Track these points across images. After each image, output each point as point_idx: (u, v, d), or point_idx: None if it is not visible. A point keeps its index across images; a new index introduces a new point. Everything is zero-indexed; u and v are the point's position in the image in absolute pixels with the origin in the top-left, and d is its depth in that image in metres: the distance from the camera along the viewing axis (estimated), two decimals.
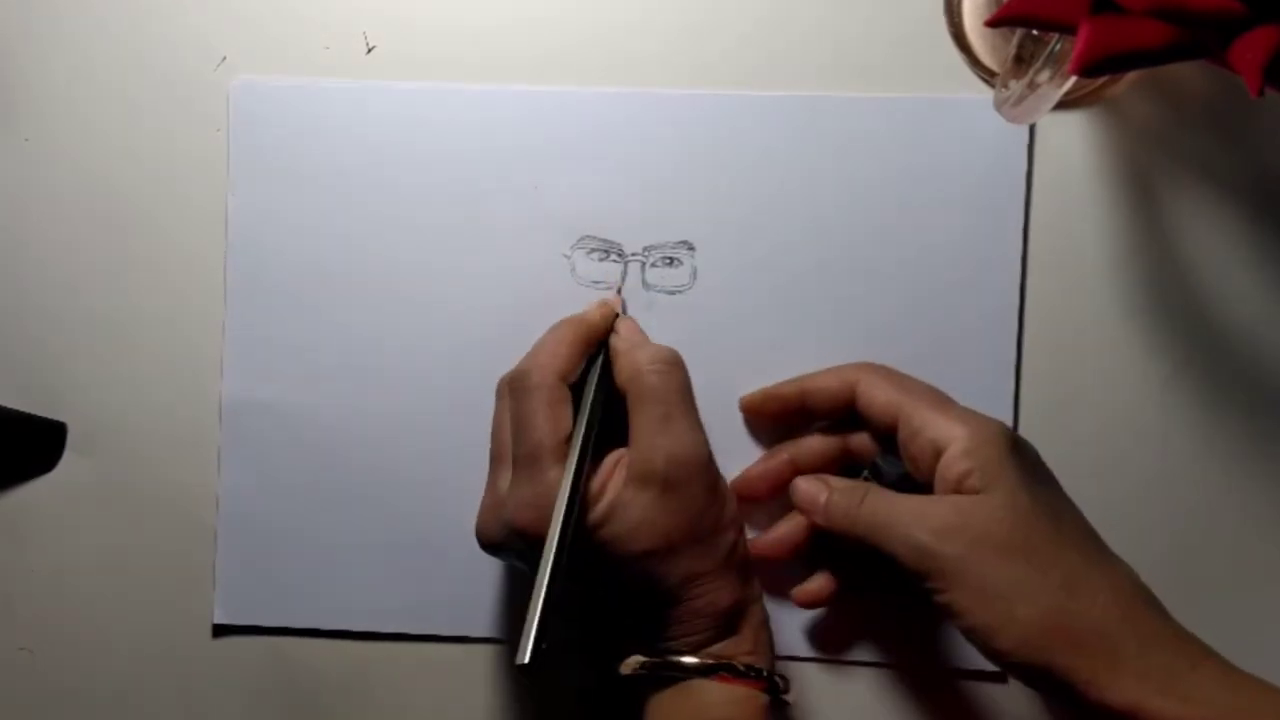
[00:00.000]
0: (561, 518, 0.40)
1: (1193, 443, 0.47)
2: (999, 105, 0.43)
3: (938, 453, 0.41)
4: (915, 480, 0.43)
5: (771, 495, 0.47)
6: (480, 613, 0.49)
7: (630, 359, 0.44)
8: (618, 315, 0.47)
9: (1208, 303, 0.47)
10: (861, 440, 0.46)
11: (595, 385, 0.45)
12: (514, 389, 0.44)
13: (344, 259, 0.49)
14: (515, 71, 0.49)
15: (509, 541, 0.42)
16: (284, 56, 0.49)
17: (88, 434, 0.50)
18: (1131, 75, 0.47)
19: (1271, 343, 0.47)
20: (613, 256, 0.48)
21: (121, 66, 0.49)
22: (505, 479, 0.43)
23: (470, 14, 0.49)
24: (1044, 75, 0.39)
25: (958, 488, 0.40)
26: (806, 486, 0.45)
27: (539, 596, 0.38)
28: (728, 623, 0.43)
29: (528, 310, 0.48)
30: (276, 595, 0.49)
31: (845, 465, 0.46)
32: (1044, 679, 0.38)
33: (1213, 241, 0.47)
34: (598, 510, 0.42)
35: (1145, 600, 0.39)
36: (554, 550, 0.39)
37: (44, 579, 0.50)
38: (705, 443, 0.44)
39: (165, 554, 0.50)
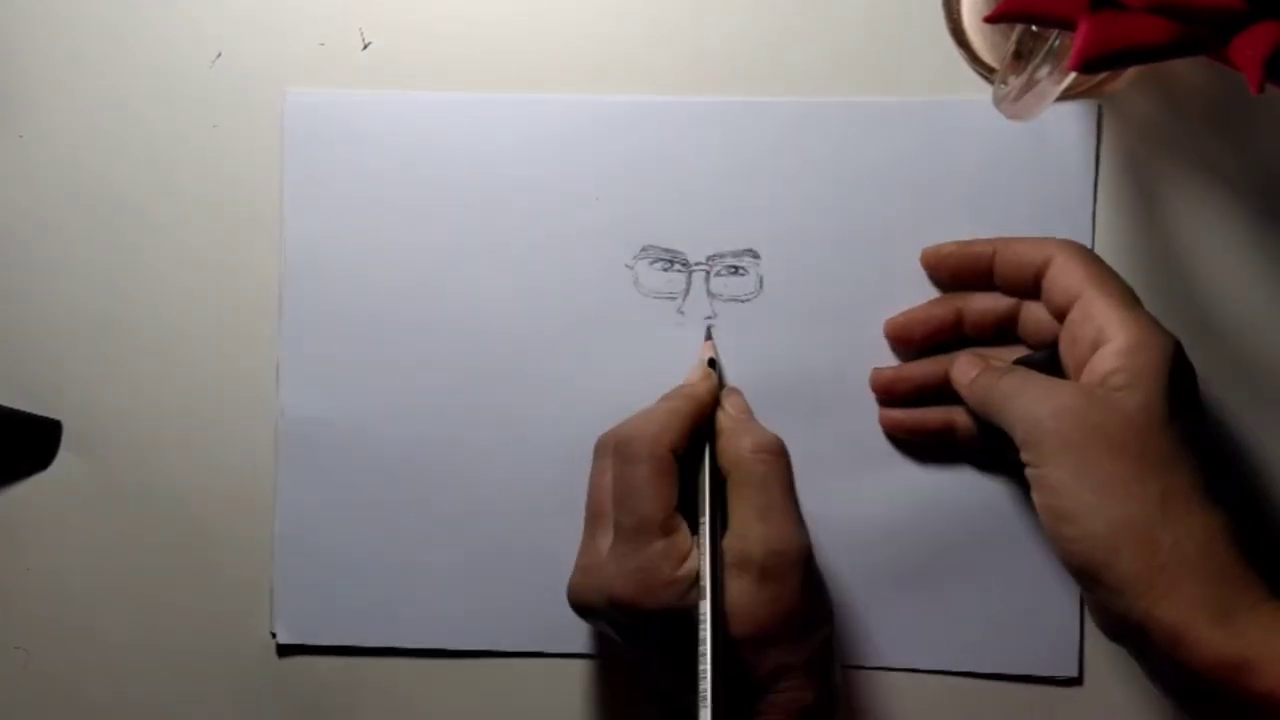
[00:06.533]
0: (710, 631, 0.39)
1: None
2: (997, 101, 0.42)
3: (1098, 344, 0.40)
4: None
5: (924, 342, 0.46)
6: (549, 628, 0.48)
7: (735, 443, 0.44)
8: (723, 386, 0.47)
9: (1208, 301, 0.47)
10: (1036, 314, 0.44)
11: (712, 468, 0.44)
12: (621, 453, 0.43)
13: (401, 274, 0.48)
14: (513, 70, 0.48)
15: (605, 610, 0.42)
16: (279, 53, 0.49)
17: (83, 432, 0.50)
18: (1131, 71, 0.47)
19: (1272, 341, 0.46)
20: (676, 266, 0.48)
21: (115, 62, 0.49)
22: (605, 543, 0.42)
23: (467, 12, 0.48)
24: (1043, 71, 0.39)
25: (1102, 383, 0.40)
26: (968, 359, 0.45)
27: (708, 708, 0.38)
28: None
29: (591, 322, 0.48)
30: (337, 611, 0.49)
31: (1008, 340, 0.46)
32: (1096, 579, 0.38)
33: (1213, 239, 0.47)
34: (695, 590, 0.41)
35: (1230, 541, 0.38)
36: (711, 662, 0.39)
37: (39, 577, 0.50)
38: (805, 535, 0.43)
39: (160, 553, 0.49)
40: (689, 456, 0.44)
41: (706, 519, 0.42)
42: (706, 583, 0.40)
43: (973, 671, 0.47)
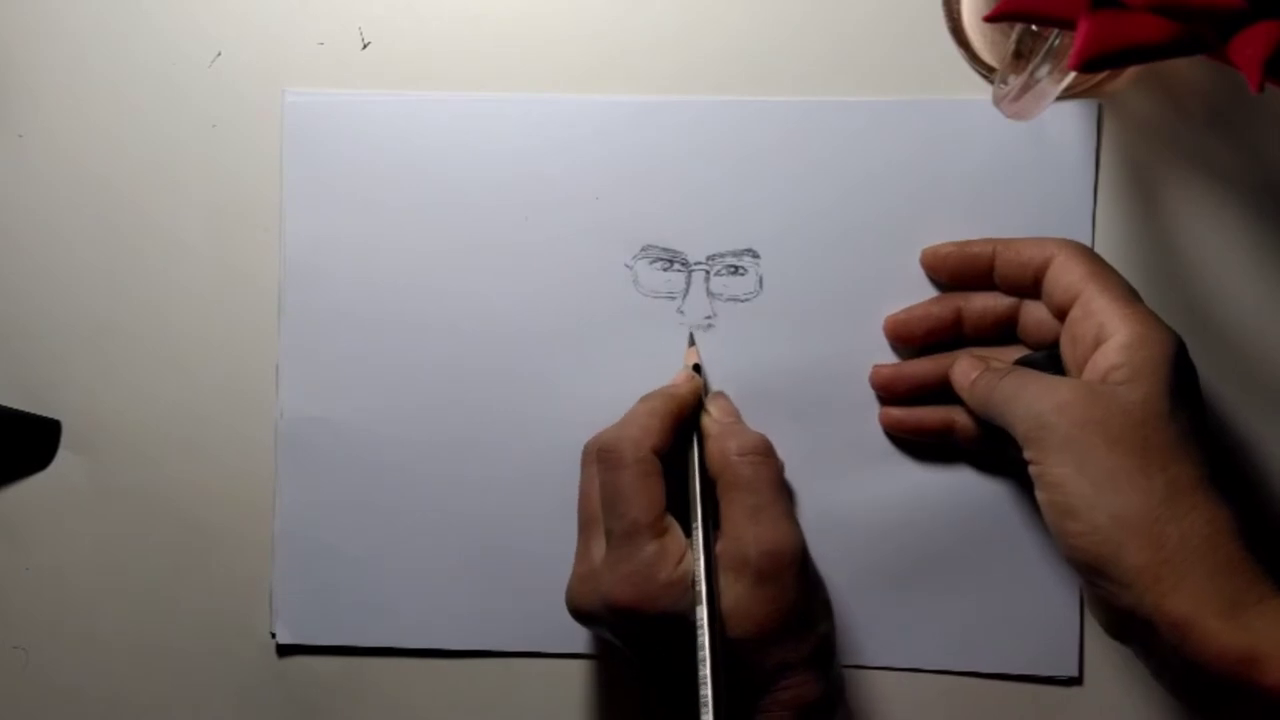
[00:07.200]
0: (708, 635, 0.40)
1: None
2: (997, 101, 0.42)
3: (1099, 340, 0.40)
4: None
5: (924, 339, 0.46)
6: (548, 628, 0.48)
7: (721, 446, 0.44)
8: (708, 391, 0.47)
9: (1208, 300, 0.47)
10: (1036, 314, 0.44)
11: (700, 469, 0.44)
12: (605, 460, 0.43)
13: (400, 274, 0.48)
14: (513, 70, 0.48)
15: (604, 616, 0.42)
16: (279, 53, 0.49)
17: (83, 432, 0.50)
18: (1131, 71, 0.47)
19: (1272, 340, 0.46)
20: (676, 266, 0.48)
21: (115, 62, 0.49)
22: (598, 549, 0.42)
23: (467, 12, 0.48)
24: (1043, 70, 0.39)
25: (1104, 379, 0.39)
26: (968, 361, 0.45)
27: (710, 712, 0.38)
28: (811, 718, 0.42)
29: (590, 322, 0.48)
30: (336, 611, 0.49)
31: (1007, 340, 0.46)
32: (1102, 573, 0.38)
33: (1213, 238, 0.47)
34: (693, 590, 0.41)
35: (1235, 533, 0.38)
36: (710, 667, 0.39)
37: (38, 576, 0.50)
38: (798, 534, 0.43)
39: (160, 553, 0.49)
40: (675, 458, 0.44)
41: (699, 524, 0.42)
42: (702, 587, 0.40)
43: (973, 671, 0.47)
